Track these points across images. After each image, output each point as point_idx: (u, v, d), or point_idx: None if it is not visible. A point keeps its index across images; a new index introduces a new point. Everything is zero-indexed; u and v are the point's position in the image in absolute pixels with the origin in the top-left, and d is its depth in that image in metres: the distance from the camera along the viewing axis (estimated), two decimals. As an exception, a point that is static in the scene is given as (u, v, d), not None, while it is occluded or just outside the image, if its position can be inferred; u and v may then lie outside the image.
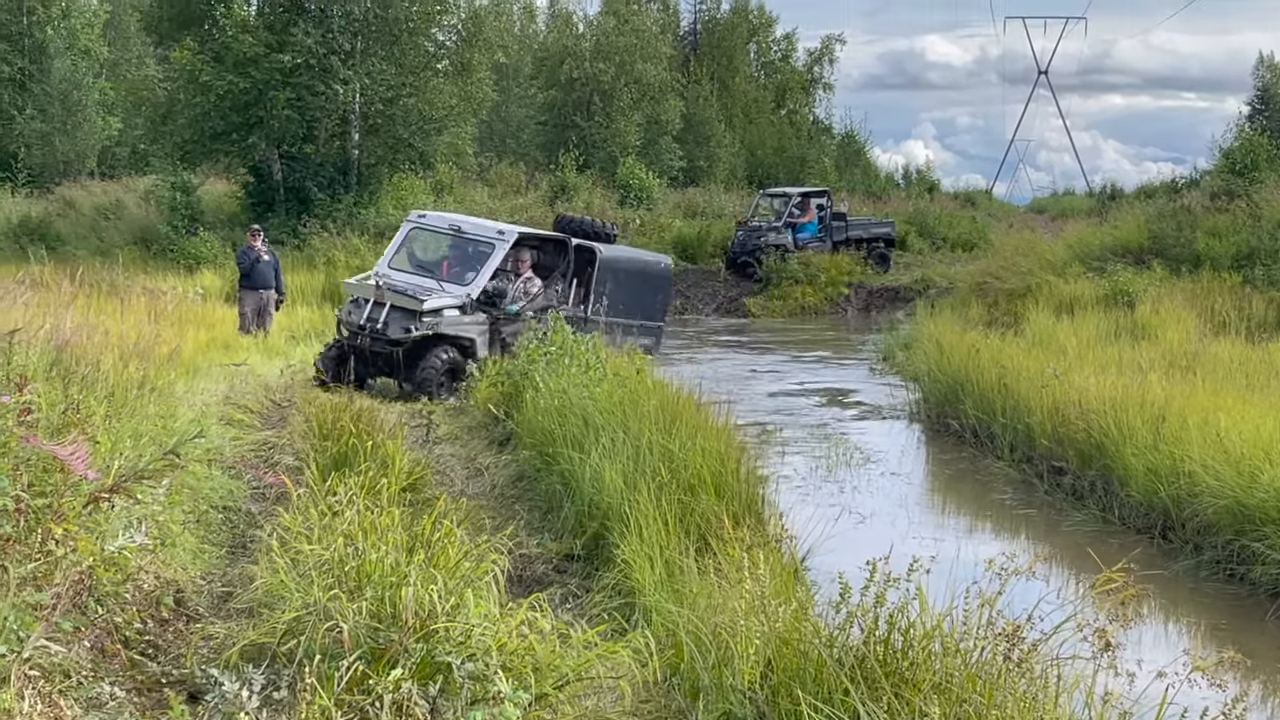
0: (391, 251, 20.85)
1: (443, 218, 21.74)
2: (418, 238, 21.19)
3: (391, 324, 18.70)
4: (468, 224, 21.20)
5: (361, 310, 19.08)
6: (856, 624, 6.11)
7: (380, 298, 18.92)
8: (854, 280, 40.32)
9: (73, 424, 8.23)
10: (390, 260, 20.48)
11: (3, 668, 5.96)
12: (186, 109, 41.52)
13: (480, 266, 19.65)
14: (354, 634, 6.02)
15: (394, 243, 21.13)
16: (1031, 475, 15.30)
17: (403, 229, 21.21)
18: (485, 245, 20.02)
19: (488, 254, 19.72)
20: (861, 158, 74.99)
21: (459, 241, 20.71)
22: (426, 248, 21.28)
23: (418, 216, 21.48)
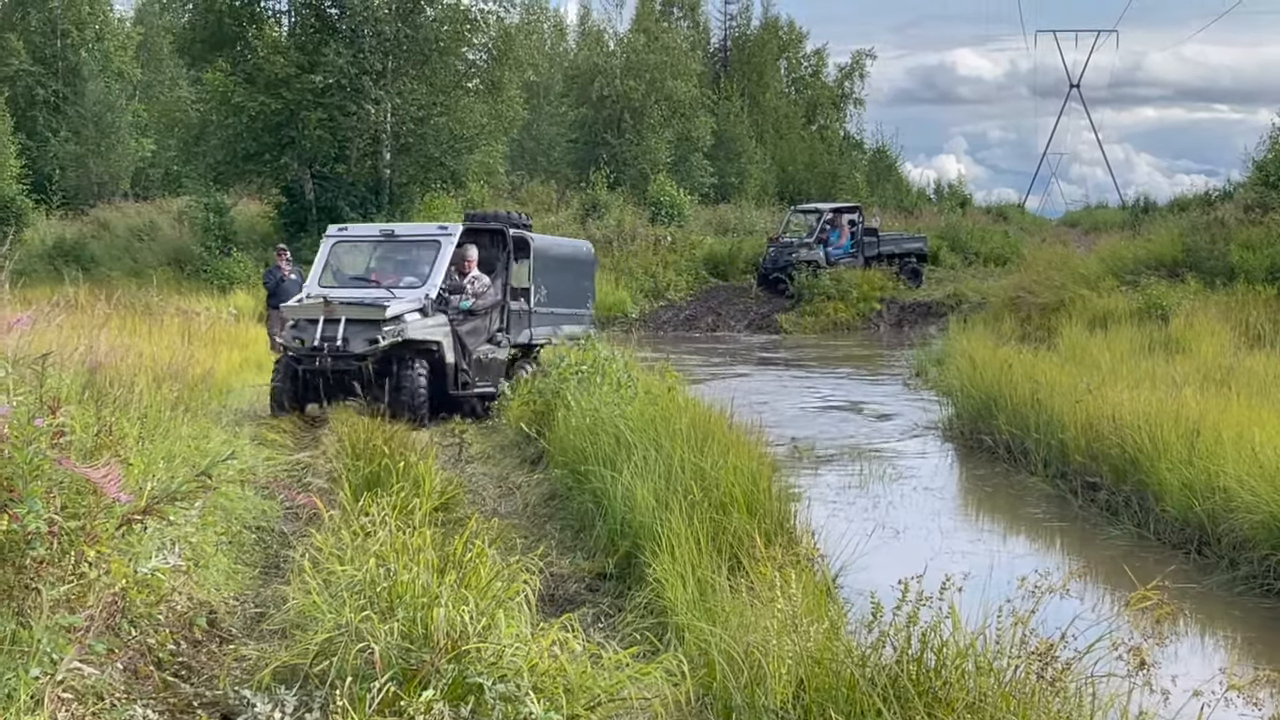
0: (317, 271, 19.33)
1: (368, 227, 21.39)
2: (342, 253, 19.96)
3: (353, 339, 17.43)
4: (401, 227, 20.60)
5: (312, 331, 17.65)
6: (889, 643, 6.08)
7: (332, 314, 17.61)
8: (886, 296, 40.23)
9: (106, 446, 8.25)
10: (318, 279, 19.06)
11: (36, 690, 5.98)
12: (219, 130, 41.82)
13: (429, 266, 18.63)
14: (385, 655, 6.02)
15: (317, 262, 19.57)
16: (1065, 490, 15.21)
17: (324, 246, 19.72)
18: (429, 244, 19.14)
19: (434, 252, 18.76)
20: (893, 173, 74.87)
21: (394, 247, 19.88)
22: (355, 261, 20.09)
23: (338, 231, 20.29)
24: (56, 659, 6.18)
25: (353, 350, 17.35)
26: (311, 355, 17.53)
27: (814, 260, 40.98)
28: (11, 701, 5.79)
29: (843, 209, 43.95)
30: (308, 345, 17.50)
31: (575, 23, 77.12)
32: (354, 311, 17.55)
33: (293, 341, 17.82)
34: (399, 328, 17.50)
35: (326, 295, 17.88)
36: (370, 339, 17.35)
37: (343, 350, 17.39)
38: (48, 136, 55.27)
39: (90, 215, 49.39)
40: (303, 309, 17.97)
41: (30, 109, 55.57)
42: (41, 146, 54.35)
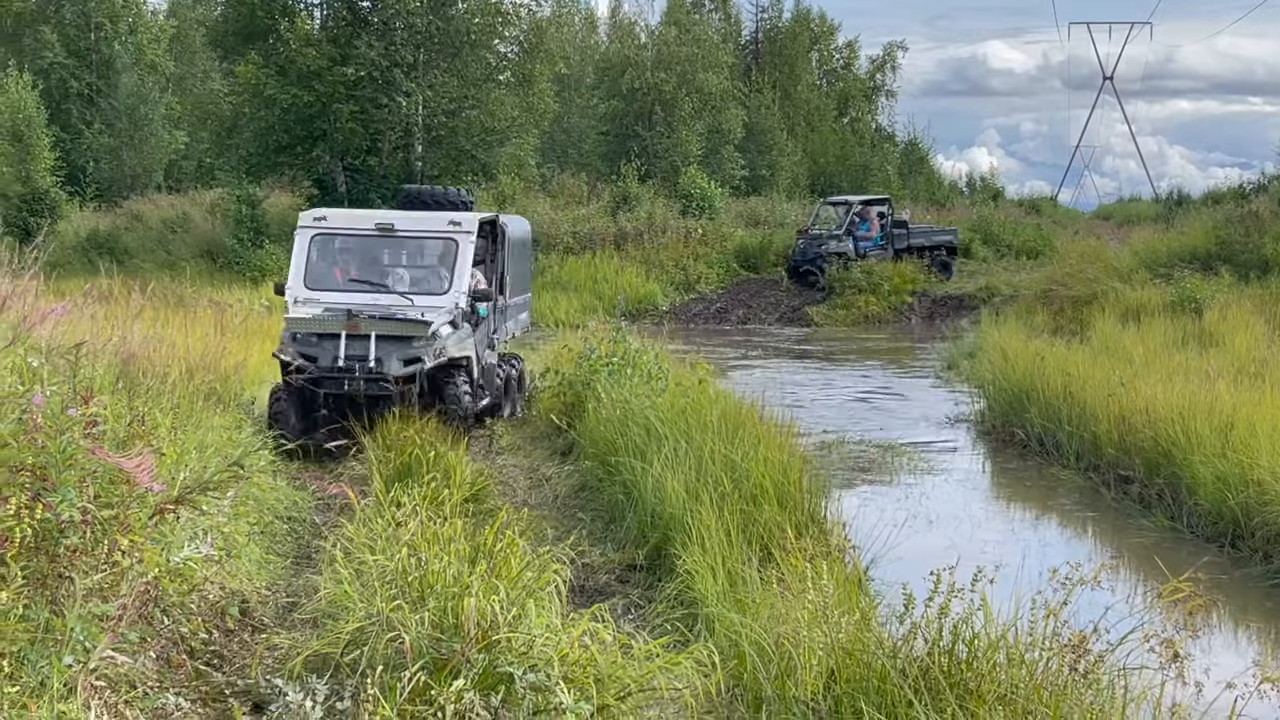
0: (299, 270, 15.95)
1: (356, 216, 17.59)
2: (326, 247, 16.42)
3: (386, 358, 14.75)
4: (402, 220, 16.53)
5: (331, 348, 14.86)
6: (921, 635, 6.07)
7: (356, 328, 14.85)
8: (918, 289, 40.07)
9: (139, 436, 8.29)
10: (304, 280, 15.86)
11: (69, 678, 6.01)
12: (251, 123, 41.99)
13: (448, 268, 15.87)
14: (416, 644, 6.03)
15: (296, 259, 16.11)
16: (1098, 483, 15.16)
17: (300, 240, 16.17)
18: (442, 241, 16.17)
19: (450, 251, 15.95)
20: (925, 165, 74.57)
21: (395, 244, 16.74)
22: (349, 259, 16.70)
23: (315, 220, 16.41)
24: (90, 647, 6.21)
25: (389, 372, 14.76)
26: (336, 377, 14.79)
27: (843, 252, 40.71)
28: (45, 689, 5.82)
29: (872, 201, 43.61)
30: (327, 364, 14.82)
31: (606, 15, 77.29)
32: (387, 328, 14.96)
33: (301, 358, 15.00)
34: (440, 345, 15.04)
35: (351, 307, 15.11)
36: (408, 359, 14.87)
37: (378, 372, 14.72)
38: (81, 129, 55.53)
39: (123, 207, 49.61)
40: (315, 321, 15.08)
41: (64, 102, 55.81)
42: (75, 139, 54.60)
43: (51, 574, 6.35)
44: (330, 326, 14.99)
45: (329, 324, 15.01)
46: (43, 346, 8.25)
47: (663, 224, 43.98)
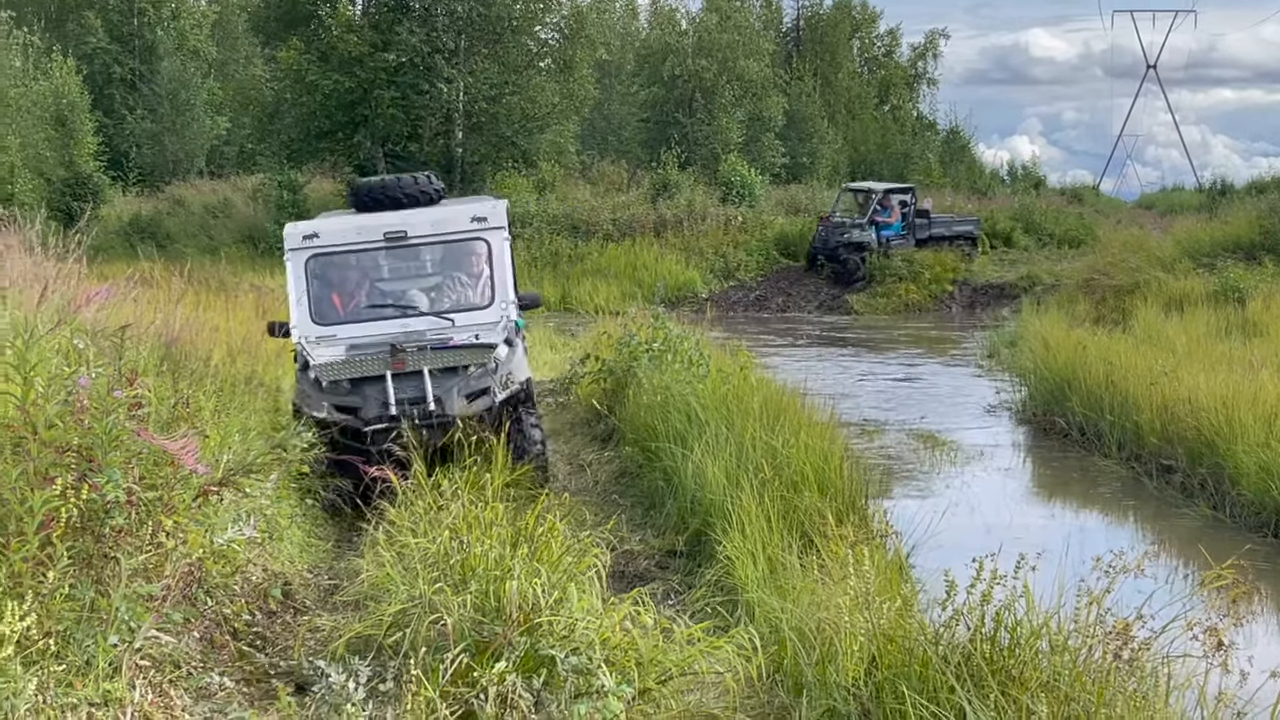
0: (302, 304, 12.67)
1: (354, 226, 13.32)
2: (327, 269, 13.10)
3: (447, 396, 12.06)
4: (413, 221, 13.28)
5: (378, 393, 11.99)
6: (963, 621, 6.05)
7: (404, 365, 12.11)
8: (958, 277, 39.91)
9: (182, 418, 8.34)
10: (311, 314, 12.65)
11: (115, 657, 6.05)
12: (293, 108, 42.14)
13: (487, 274, 13.06)
14: (458, 627, 6.05)
15: (295, 290, 12.76)
16: (1140, 473, 15.10)
17: (293, 266, 12.80)
18: (469, 243, 13.28)
19: (484, 253, 13.10)
20: (966, 154, 74.27)
21: (410, 253, 13.67)
22: (357, 279, 13.51)
23: (305, 239, 12.85)
24: (134, 627, 6.26)
25: (455, 412, 11.99)
26: (388, 427, 11.72)
27: (865, 242, 40.18)
28: (91, 668, 5.87)
29: (894, 190, 42.94)
30: (374, 415, 11.95)
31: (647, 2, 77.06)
32: (443, 358, 12.23)
33: (338, 411, 12.07)
34: (505, 371, 12.43)
35: (395, 342, 12.21)
36: (473, 392, 12.23)
37: (442, 414, 11.95)
38: (124, 114, 55.85)
39: (165, 192, 49.90)
40: (354, 365, 12.16)
41: (107, 87, 56.11)
42: (118, 124, 54.93)
43: (97, 554, 6.41)
44: (372, 368, 12.06)
45: (370, 364, 12.05)
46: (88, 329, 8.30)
47: (702, 211, 43.88)
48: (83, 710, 5.64)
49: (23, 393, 6.37)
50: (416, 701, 5.26)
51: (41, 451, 6.11)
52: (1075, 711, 5.42)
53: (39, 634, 5.54)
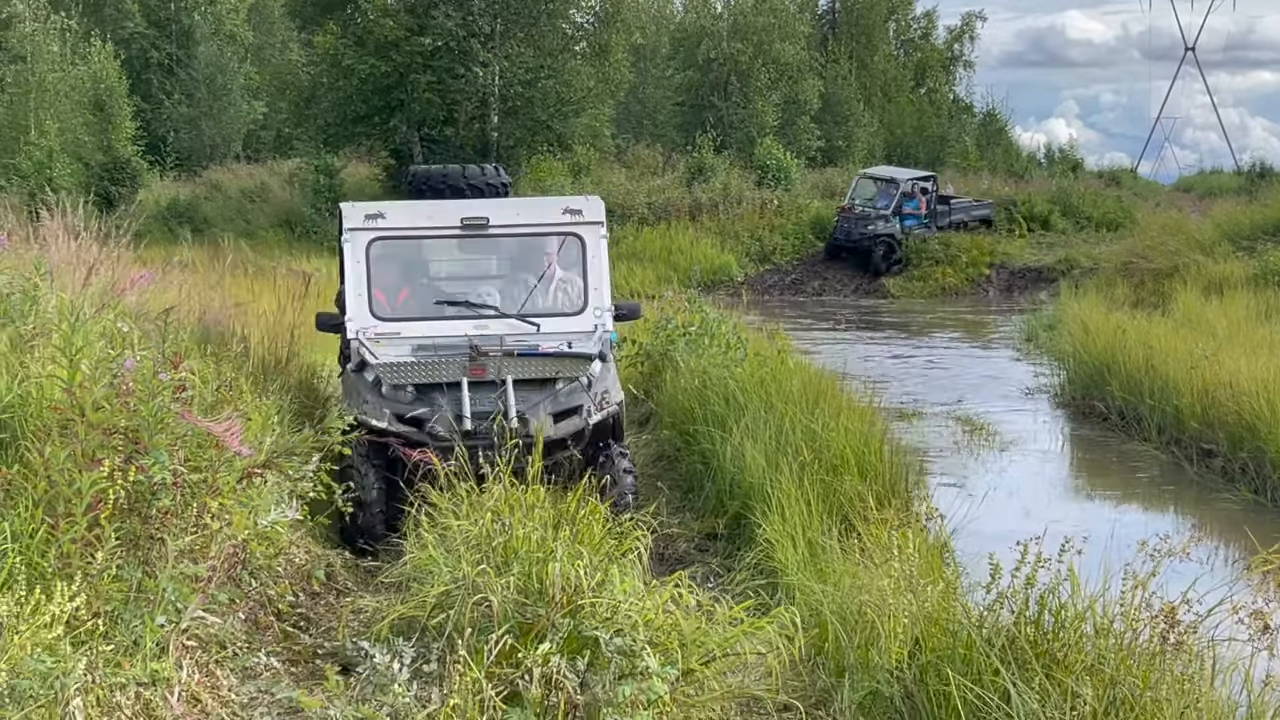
0: (361, 293, 10.73)
1: (427, 210, 11.49)
2: (391, 257, 11.35)
3: (534, 414, 10.07)
4: (496, 210, 11.39)
5: (450, 404, 10.07)
6: (1007, 605, 6.05)
7: (483, 372, 10.24)
8: (995, 260, 39.76)
9: (225, 401, 8.39)
10: (370, 306, 10.74)
11: (162, 638, 6.10)
12: (329, 93, 42.27)
13: (576, 274, 11.17)
14: (502, 608, 6.07)
15: (354, 277, 10.76)
16: (1180, 457, 15.03)
17: (352, 250, 10.80)
18: (559, 238, 11.31)
19: (578, 251, 11.16)
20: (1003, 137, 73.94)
21: (489, 246, 11.90)
22: (425, 271, 11.99)
23: (368, 220, 10.92)
24: (181, 607, 6.30)
25: (544, 433, 9.51)
26: (470, 445, 9.40)
27: (891, 234, 39.63)
28: (138, 648, 5.92)
29: (920, 179, 42.36)
30: (446, 428, 9.95)
31: (682, -15, 76.95)
32: (529, 367, 10.37)
33: (397, 421, 10.17)
34: (601, 390, 10.56)
35: (475, 341, 10.33)
36: (563, 411, 10.34)
37: (526, 434, 9.60)
38: (162, 99, 56.11)
39: (203, 177, 50.10)
40: (419, 368, 10.28)
41: (145, 71, 56.38)
42: (156, 109, 55.18)
43: (144, 535, 6.46)
44: (445, 372, 10.22)
45: (444, 368, 10.25)
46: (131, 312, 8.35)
47: (738, 195, 43.83)
48: (131, 690, 5.69)
49: (69, 375, 6.42)
50: (463, 682, 5.28)
51: (89, 434, 6.16)
52: (1120, 694, 5.41)
53: (88, 614, 5.58)
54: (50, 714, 4.99)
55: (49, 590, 5.09)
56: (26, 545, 5.63)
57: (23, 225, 12.42)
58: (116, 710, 5.54)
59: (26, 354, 7.58)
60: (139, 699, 5.73)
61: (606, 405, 10.54)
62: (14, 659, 4.83)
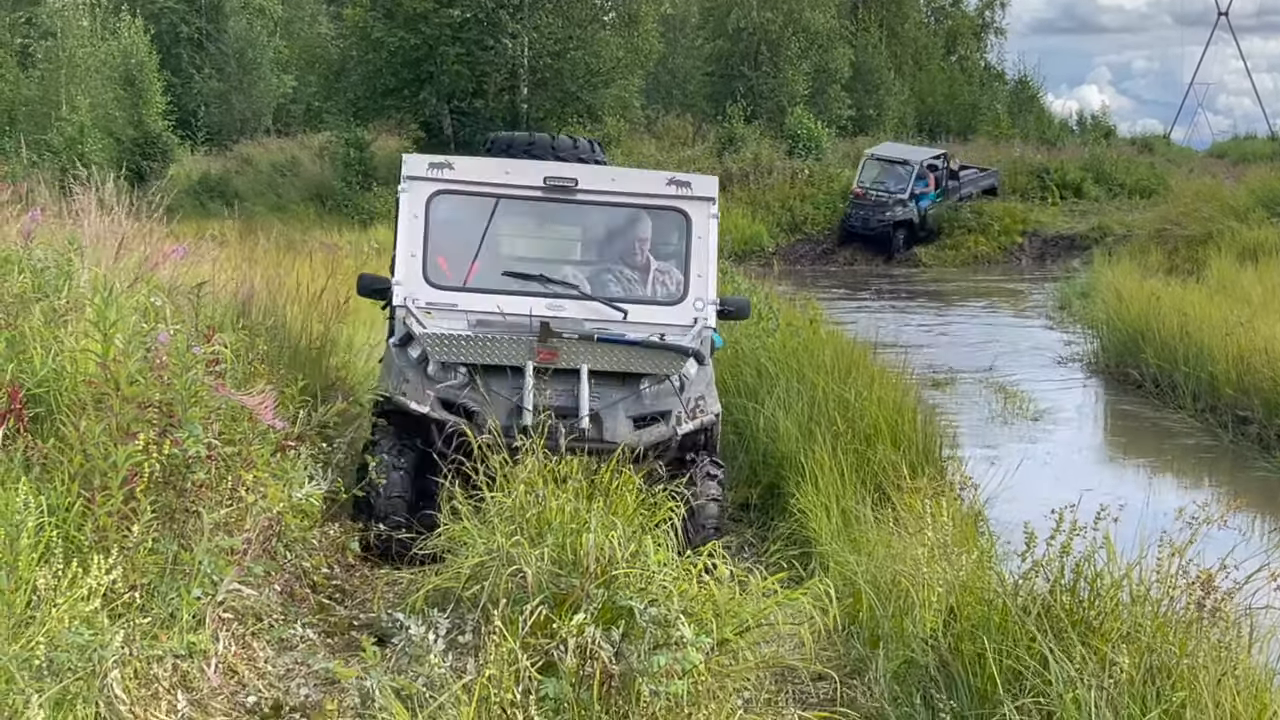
0: (415, 254, 9.29)
1: (503, 167, 9.68)
2: (456, 216, 9.63)
3: (610, 415, 8.74)
4: (587, 174, 9.68)
5: (509, 392, 8.68)
6: (1042, 573, 6.03)
7: (553, 356, 8.79)
8: (1028, 228, 39.58)
9: (259, 374, 8.41)
10: (425, 271, 9.27)
11: (198, 610, 6.14)
12: (359, 66, 42.29)
13: (677, 257, 9.63)
14: (537, 579, 6.08)
15: (408, 234, 9.33)
16: (1215, 425, 14.97)
17: (410, 203, 9.39)
18: (661, 214, 9.75)
19: (682, 229, 9.60)
20: (1035, 104, 73.52)
21: (574, 215, 10.04)
22: (495, 237, 9.83)
23: (432, 170, 9.48)
24: (217, 580, 6.34)
25: (616, 437, 8.56)
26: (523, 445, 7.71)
27: (909, 219, 38.94)
28: (175, 620, 5.95)
29: (933, 160, 41.36)
30: (504, 421, 8.32)
31: (711, -45, 76.64)
32: (609, 357, 8.88)
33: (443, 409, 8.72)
34: (695, 396, 9.07)
35: (545, 317, 8.98)
36: (644, 416, 8.89)
37: (599, 438, 8.56)
38: (192, 74, 56.21)
39: (233, 151, 50.21)
40: (475, 345, 8.81)
41: (175, 46, 56.45)
42: (186, 84, 55.26)
43: (179, 509, 6.48)
44: (506, 353, 8.75)
45: (504, 348, 8.76)
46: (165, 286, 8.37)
47: (769, 165, 43.69)
48: (168, 661, 5.73)
49: (104, 349, 6.44)
50: (498, 653, 5.29)
51: (123, 407, 6.18)
52: (1157, 662, 5.38)
53: (124, 587, 5.61)
54: (88, 686, 5.02)
55: (86, 563, 5.11)
56: (63, 519, 5.66)
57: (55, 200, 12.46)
58: (154, 682, 5.58)
59: (61, 328, 7.60)
60: (176, 671, 5.76)
61: (700, 414, 9.01)
62: (52, 632, 4.85)
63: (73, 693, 4.90)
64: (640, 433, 8.71)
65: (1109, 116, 73.76)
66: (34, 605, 4.92)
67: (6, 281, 8.34)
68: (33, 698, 4.57)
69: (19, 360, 6.93)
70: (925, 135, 56.92)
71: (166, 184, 18.76)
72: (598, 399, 8.68)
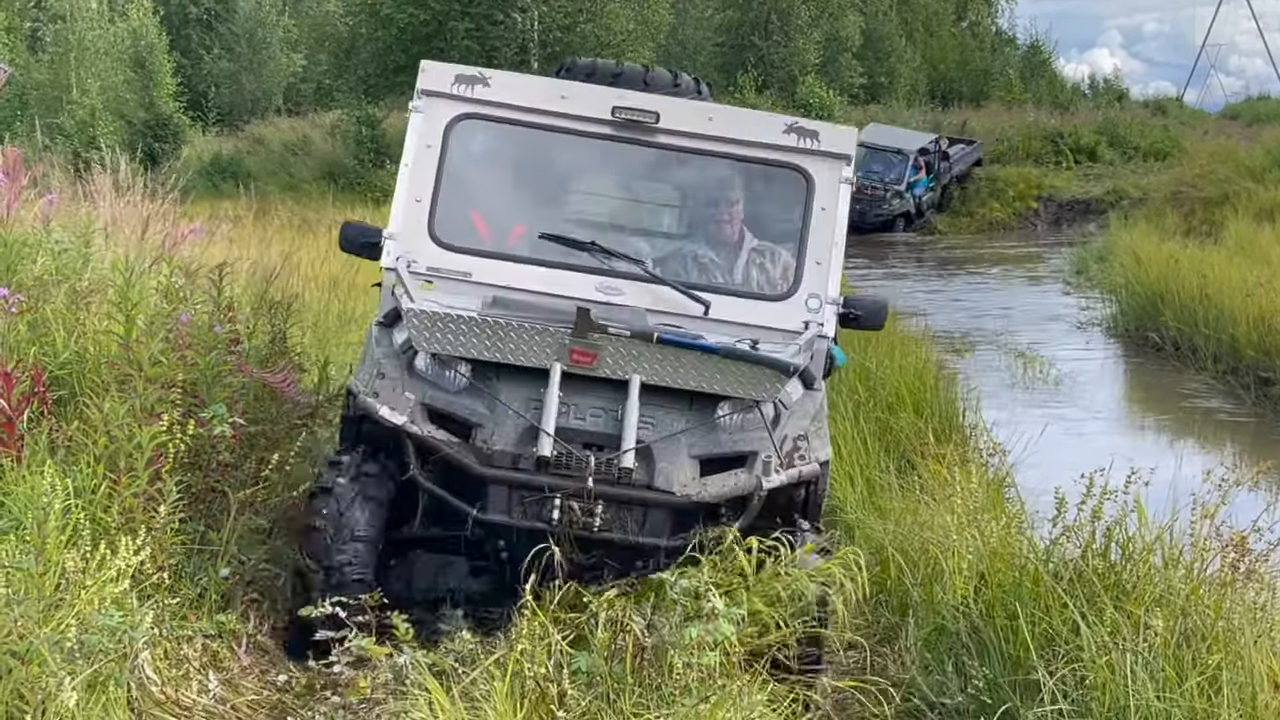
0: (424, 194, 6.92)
1: (554, 89, 7.26)
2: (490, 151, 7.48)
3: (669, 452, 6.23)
4: (673, 107, 7.15)
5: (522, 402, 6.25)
6: (1073, 538, 6.00)
7: (592, 359, 6.28)
8: (1043, 194, 39.44)
9: (280, 354, 8.39)
10: (433, 222, 6.88)
11: (226, 590, 6.13)
12: (369, 43, 42.19)
13: (790, 233, 7.14)
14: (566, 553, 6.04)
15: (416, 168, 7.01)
16: (1237, 386, 14.92)
17: (426, 123, 7.41)
18: (768, 168, 7.28)
19: (799, 196, 7.15)
20: (1047, 69, 73.19)
21: (651, 164, 7.40)
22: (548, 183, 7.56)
23: (459, 84, 7.49)
24: (244, 560, 6.34)
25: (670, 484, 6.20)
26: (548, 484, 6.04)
27: (906, 212, 38.06)
28: (203, 600, 5.95)
29: (926, 146, 40.03)
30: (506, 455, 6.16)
31: (720, -76, 76.31)
32: (680, 369, 6.33)
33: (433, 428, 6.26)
34: (795, 433, 6.50)
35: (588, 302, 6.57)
36: (719, 457, 6.42)
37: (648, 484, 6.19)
38: (201, 54, 56.16)
39: (245, 131, 50.15)
40: (484, 332, 6.28)
41: (184, 27, 56.42)
42: (196, 65, 55.22)
43: (205, 488, 6.48)
44: (526, 349, 6.28)
45: (524, 342, 6.28)
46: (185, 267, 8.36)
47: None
48: (198, 641, 5.72)
49: (126, 331, 6.42)
50: (530, 627, 5.27)
51: (147, 389, 6.16)
52: (1192, 625, 5.36)
53: (152, 568, 5.60)
54: (119, 668, 5.01)
55: (114, 545, 5.10)
56: (90, 501, 5.64)
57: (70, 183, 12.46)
58: (184, 663, 5.57)
59: (83, 310, 7.60)
60: (206, 650, 5.76)
61: (800, 461, 6.35)
62: (82, 614, 4.85)
63: (104, 674, 4.89)
64: (708, 481, 6.20)
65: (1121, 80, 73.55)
66: (63, 588, 4.91)
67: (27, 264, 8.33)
68: (65, 680, 4.56)
69: (41, 343, 6.93)
70: (938, 102, 56.66)
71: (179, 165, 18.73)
72: (650, 426, 6.19)
